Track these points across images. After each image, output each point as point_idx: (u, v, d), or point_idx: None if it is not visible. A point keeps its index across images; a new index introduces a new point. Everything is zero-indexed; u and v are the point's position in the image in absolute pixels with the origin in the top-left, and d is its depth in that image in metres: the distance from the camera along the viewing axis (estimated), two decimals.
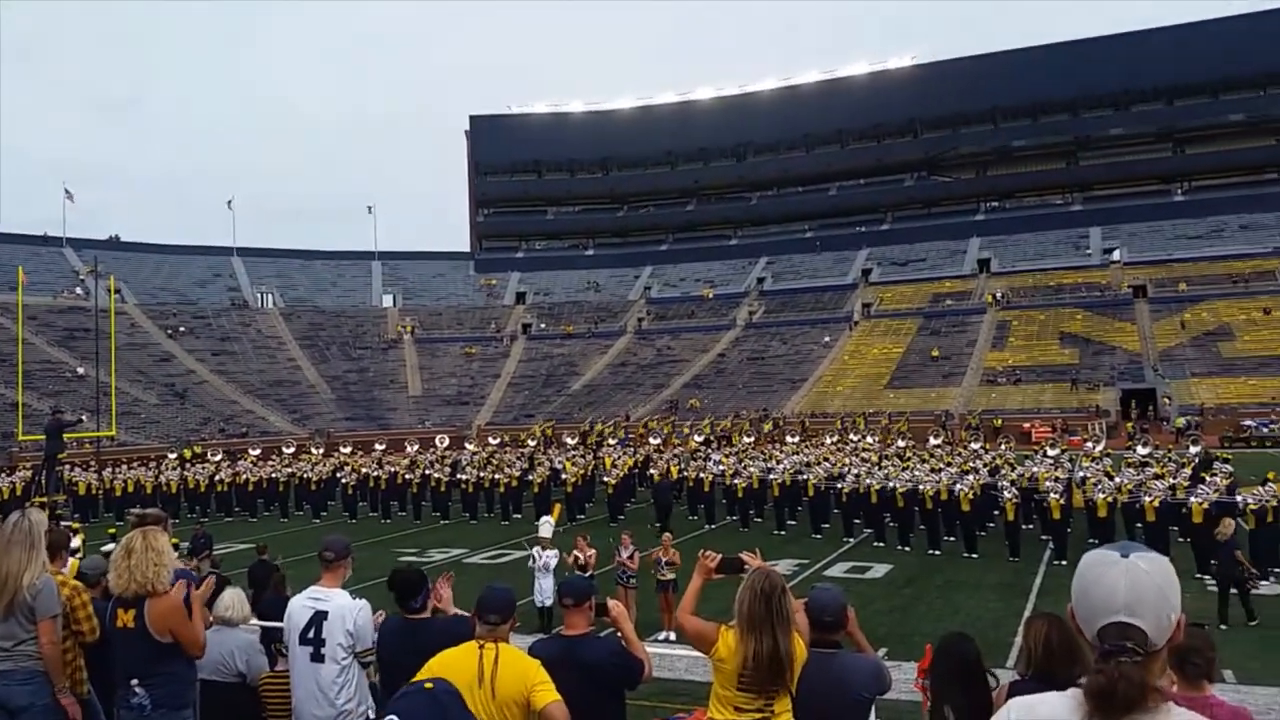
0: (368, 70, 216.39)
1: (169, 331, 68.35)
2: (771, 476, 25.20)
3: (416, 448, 41.74)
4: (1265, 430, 42.47)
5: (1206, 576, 16.57)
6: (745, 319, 74.69)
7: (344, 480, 30.68)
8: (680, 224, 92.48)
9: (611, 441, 42.65)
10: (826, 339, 67.59)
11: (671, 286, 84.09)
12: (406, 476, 30.04)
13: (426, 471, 30.23)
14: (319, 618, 4.98)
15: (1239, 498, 18.07)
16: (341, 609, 5.00)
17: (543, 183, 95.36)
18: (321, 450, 42.71)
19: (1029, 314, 64.45)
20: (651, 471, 28.72)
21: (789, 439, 40.76)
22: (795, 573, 17.82)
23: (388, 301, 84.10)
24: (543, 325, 79.76)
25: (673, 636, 12.58)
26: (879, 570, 18.27)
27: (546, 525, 14.25)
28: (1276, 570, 16.52)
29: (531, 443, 45.43)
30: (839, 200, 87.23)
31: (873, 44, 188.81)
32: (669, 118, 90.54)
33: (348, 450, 41.52)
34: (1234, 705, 3.97)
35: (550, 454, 37.02)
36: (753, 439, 41.33)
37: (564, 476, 28.89)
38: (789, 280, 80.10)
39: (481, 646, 3.95)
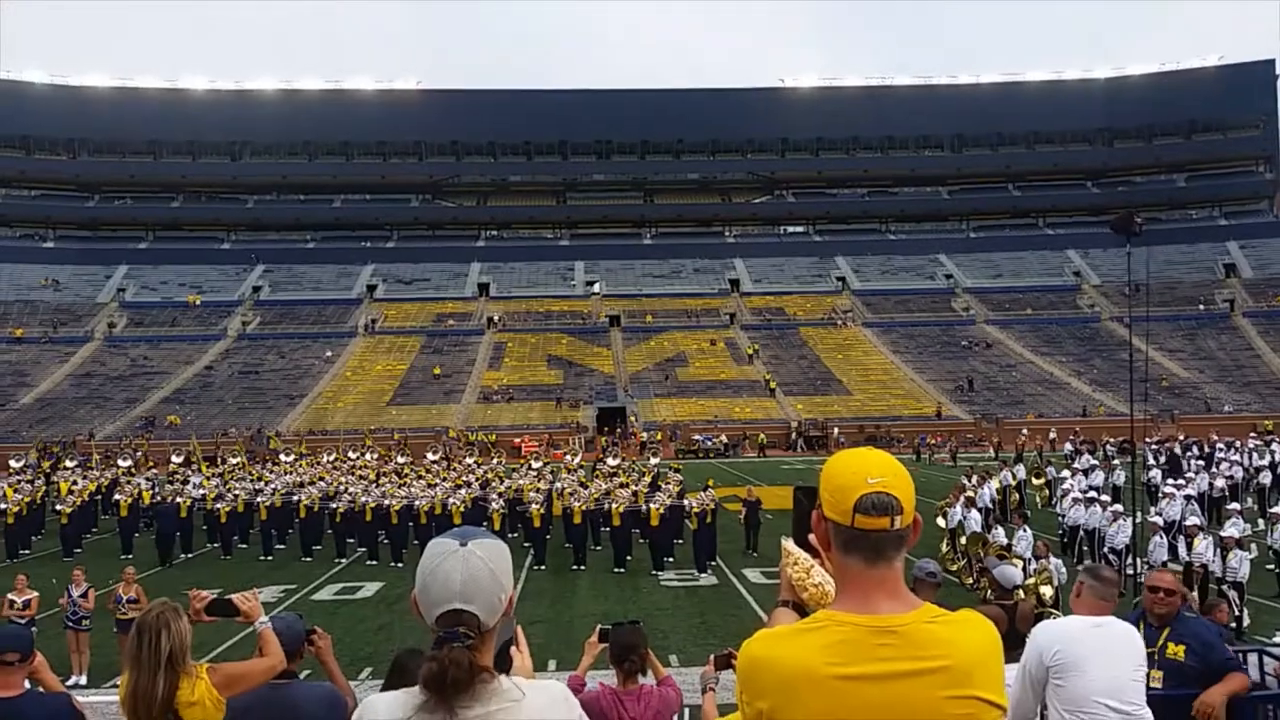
0: None
1: None
2: (259, 499, 23.80)
3: None
4: (709, 443, 49.96)
5: (659, 573, 19.01)
6: (238, 329, 69.83)
7: None
8: (164, 221, 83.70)
9: (69, 464, 37.03)
10: (328, 354, 65.72)
11: (151, 289, 75.68)
12: None
13: None
14: None
15: (686, 502, 20.96)
16: None
17: None
18: None
19: (522, 337, 68.82)
20: (118, 498, 25.32)
21: (283, 458, 38.77)
22: (281, 599, 16.98)
23: None
24: None
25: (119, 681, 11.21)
26: (371, 589, 18.12)
27: None
28: (713, 563, 19.39)
29: None
30: (343, 213, 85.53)
31: (375, 62, 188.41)
32: (154, 103, 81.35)
33: None
34: (662, 690, 4.62)
35: None
36: (239, 460, 38.58)
37: (4, 506, 24.42)
38: (289, 291, 76.56)
39: None
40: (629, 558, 19.89)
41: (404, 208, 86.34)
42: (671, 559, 20.09)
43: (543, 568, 19.73)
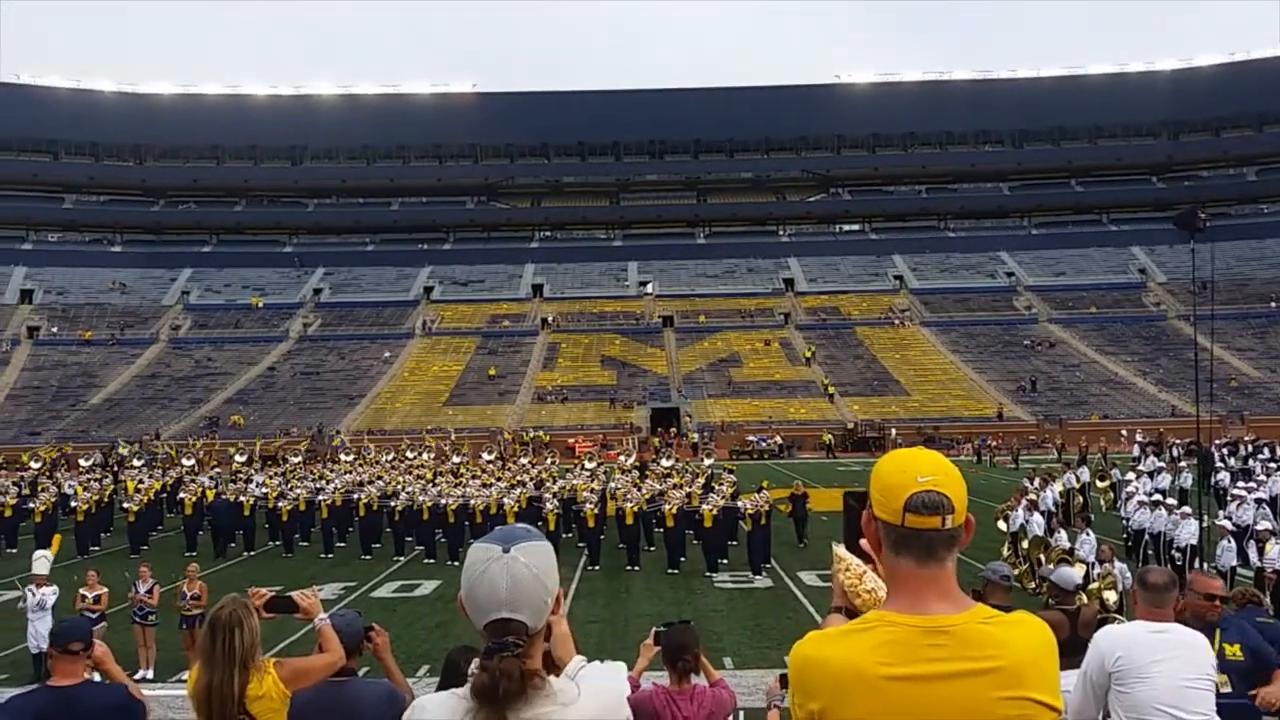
0: None
1: None
2: (320, 498, 24.25)
3: None
4: (764, 444, 49.66)
5: (713, 575, 18.95)
6: (299, 331, 71.21)
7: None
8: (227, 225, 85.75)
9: (136, 463, 38.13)
10: (386, 355, 66.72)
11: (215, 292, 77.57)
12: None
13: None
14: None
15: (740, 504, 20.86)
16: None
17: (60, 166, 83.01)
18: None
19: (575, 337, 69.12)
20: (182, 496, 25.99)
21: (343, 457, 39.48)
22: (341, 596, 17.28)
23: None
24: (55, 329, 69.32)
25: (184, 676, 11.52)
26: (428, 587, 18.34)
27: (42, 560, 12.40)
28: (768, 565, 19.26)
29: (35, 465, 39.10)
30: (401, 215, 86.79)
31: (432, 65, 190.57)
32: (217, 109, 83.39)
33: None
34: (715, 691, 4.60)
35: (59, 477, 32.15)
36: (300, 459, 39.34)
37: (75, 503, 25.22)
38: (348, 293, 77.88)
39: None
40: (683, 559, 19.85)
41: (460, 210, 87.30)
42: (725, 560, 20.00)
43: (597, 568, 19.78)
